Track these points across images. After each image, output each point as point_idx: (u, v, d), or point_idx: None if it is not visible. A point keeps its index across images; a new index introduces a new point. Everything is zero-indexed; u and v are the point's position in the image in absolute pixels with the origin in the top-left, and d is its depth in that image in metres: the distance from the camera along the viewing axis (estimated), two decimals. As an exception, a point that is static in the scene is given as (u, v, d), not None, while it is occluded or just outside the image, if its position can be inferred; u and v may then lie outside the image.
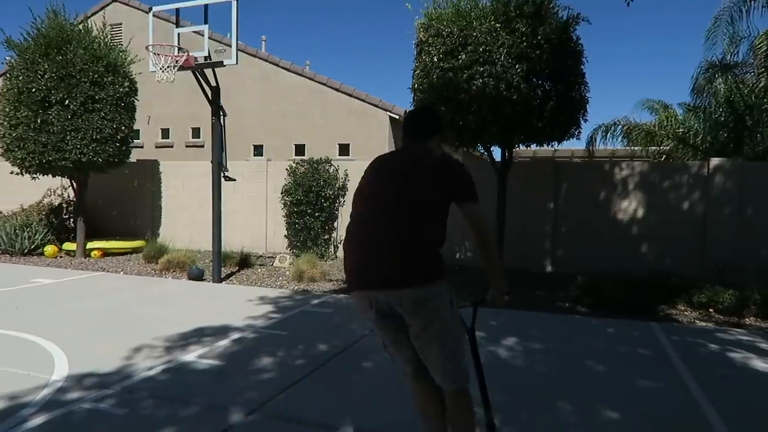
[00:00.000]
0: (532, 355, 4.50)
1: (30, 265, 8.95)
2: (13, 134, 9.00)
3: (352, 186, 10.06)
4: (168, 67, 6.63)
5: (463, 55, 7.00)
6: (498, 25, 6.96)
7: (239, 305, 6.12)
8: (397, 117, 12.53)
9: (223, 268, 7.96)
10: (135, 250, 10.51)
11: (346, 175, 10.09)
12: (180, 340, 4.66)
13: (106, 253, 10.07)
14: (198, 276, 7.75)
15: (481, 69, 6.86)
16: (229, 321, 5.32)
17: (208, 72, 7.26)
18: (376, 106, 12.55)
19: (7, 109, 9.10)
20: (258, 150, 13.37)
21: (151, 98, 11.77)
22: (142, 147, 13.74)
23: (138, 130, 10.45)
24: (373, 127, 12.59)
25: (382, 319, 2.35)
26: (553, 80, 7.15)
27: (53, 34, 9.10)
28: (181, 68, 6.80)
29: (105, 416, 3.14)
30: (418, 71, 7.52)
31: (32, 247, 9.91)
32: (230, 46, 6.89)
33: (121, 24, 13.77)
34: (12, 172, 9.62)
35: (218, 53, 6.87)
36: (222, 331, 4.98)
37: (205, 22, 6.92)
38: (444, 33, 7.23)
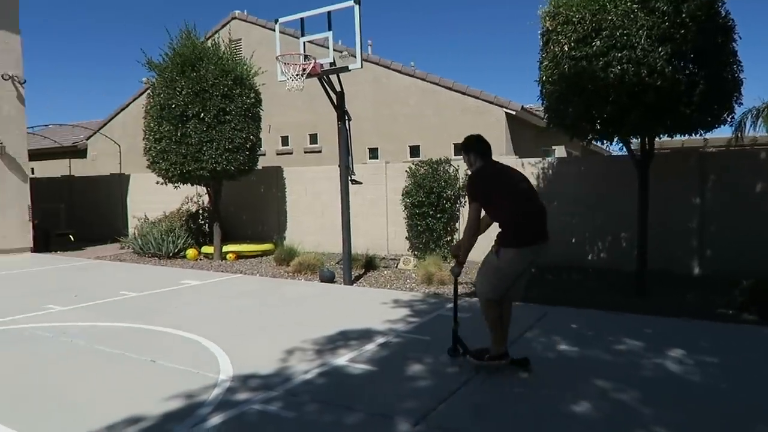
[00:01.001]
0: (708, 369, 4.00)
1: (176, 267, 9.66)
2: (158, 147, 9.79)
3: (473, 185, 9.87)
4: (297, 75, 6.79)
5: (598, 42, 6.50)
6: (635, 5, 6.38)
7: (375, 308, 6.12)
8: (514, 113, 12.09)
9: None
10: (264, 253, 11.02)
11: (466, 175, 9.85)
12: (327, 342, 4.70)
13: (239, 255, 10.64)
14: (329, 278, 7.91)
15: (619, 55, 6.32)
16: (370, 324, 5.31)
17: (333, 78, 7.38)
18: (491, 102, 12.20)
19: (151, 125, 9.91)
20: (373, 153, 13.53)
21: (271, 108, 12.27)
22: (264, 155, 14.42)
23: (261, 139, 10.93)
24: (488, 125, 12.24)
25: (529, 265, 3.86)
26: (700, 61, 6.43)
27: (187, 53, 9.77)
28: (309, 76, 6.96)
29: (275, 419, 3.18)
30: (546, 62, 7.11)
31: (176, 250, 10.73)
32: (340, 52, 6.97)
33: (240, 39, 14.57)
34: (157, 182, 10.47)
35: (343, 58, 6.95)
36: (366, 334, 4.96)
37: (329, 29, 7.04)
38: (574, 20, 6.76)
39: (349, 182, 7.69)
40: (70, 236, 12.62)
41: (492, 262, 3.79)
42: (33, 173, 12.26)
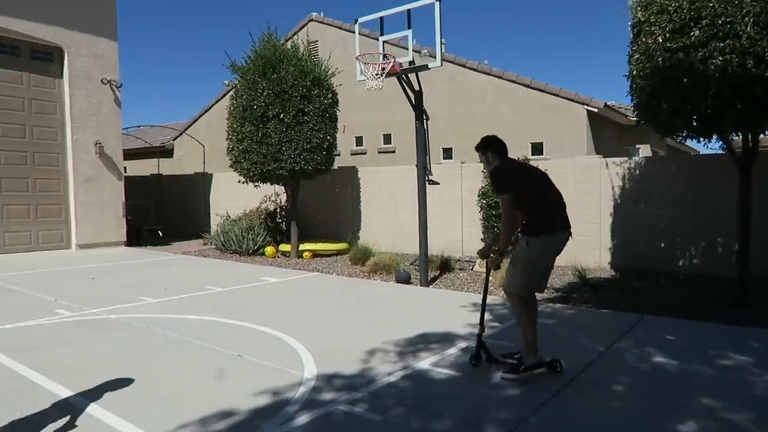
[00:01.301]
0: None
1: (256, 264, 9.96)
2: (240, 147, 10.14)
3: (552, 186, 9.50)
4: (376, 75, 6.79)
5: (696, 31, 6.02)
6: (740, -9, 5.87)
7: (454, 311, 6.01)
8: (596, 110, 11.56)
9: (426, 272, 7.97)
10: (339, 252, 11.16)
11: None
12: (408, 345, 4.65)
13: (315, 254, 10.83)
14: (405, 279, 7.86)
15: (721, 45, 5.83)
16: (450, 327, 5.20)
17: (411, 77, 7.32)
18: (572, 100, 11.73)
19: (234, 126, 10.28)
20: (447, 153, 13.38)
21: (346, 108, 12.39)
22: (339, 155, 14.62)
23: (337, 139, 11.07)
24: (568, 123, 11.79)
25: (555, 254, 3.95)
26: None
27: (268, 55, 10.04)
28: (388, 75, 6.94)
29: (362, 421, 3.15)
30: (636, 55, 6.69)
31: (255, 247, 11.08)
32: (418, 51, 6.89)
33: (317, 41, 14.84)
34: (239, 181, 10.85)
35: (423, 57, 6.87)
36: (446, 338, 4.86)
37: (409, 27, 6.98)
38: (670, 9, 6.31)
39: (426, 182, 7.60)
40: (159, 232, 13.35)
41: (523, 255, 3.87)
42: (126, 172, 13.06)
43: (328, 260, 10.48)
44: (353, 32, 14.48)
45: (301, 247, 10.85)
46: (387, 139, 14.52)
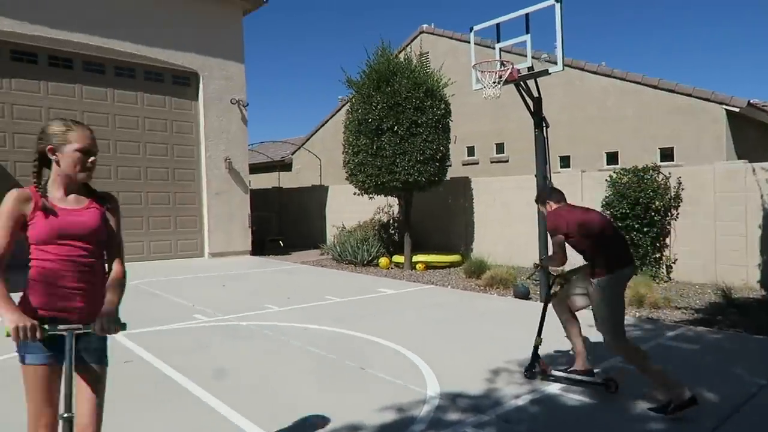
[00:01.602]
0: None
1: (371, 275, 10.14)
2: (356, 160, 10.40)
3: (688, 196, 8.67)
4: (493, 83, 6.62)
5: None
6: None
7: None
8: (737, 110, 10.44)
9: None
10: (452, 264, 11.04)
11: (679, 183, 8.71)
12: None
13: (428, 266, 10.80)
14: (524, 294, 7.57)
15: None
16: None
17: (530, 84, 7.06)
18: (707, 99, 10.69)
19: (350, 139, 10.58)
20: (564, 161, 12.78)
21: (457, 118, 12.26)
22: (450, 165, 14.54)
23: (449, 150, 10.99)
24: (703, 126, 10.76)
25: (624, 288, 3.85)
26: None
27: (383, 69, 10.22)
28: (506, 82, 6.74)
29: (491, 446, 3.02)
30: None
31: (369, 258, 11.29)
32: (537, 58, 6.59)
33: (428, 52, 14.90)
34: (354, 193, 11.14)
35: (543, 62, 6.60)
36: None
37: (527, 32, 6.72)
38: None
39: (547, 193, 7.25)
40: (280, 242, 14.09)
41: (599, 297, 3.74)
42: (250, 185, 13.94)
43: (441, 272, 10.39)
44: (463, 42, 14.53)
45: (414, 258, 10.87)
46: (499, 148, 14.18)
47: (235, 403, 3.64)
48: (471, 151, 14.83)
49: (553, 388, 3.92)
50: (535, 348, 4.14)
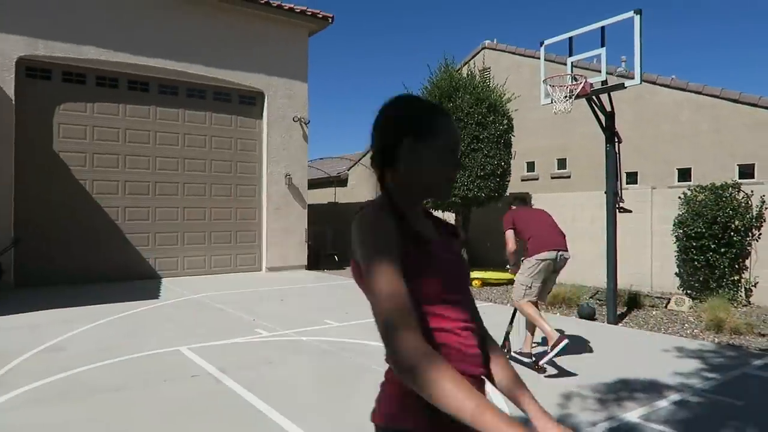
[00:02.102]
0: None
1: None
2: (415, 176, 10.38)
3: (774, 215, 8.10)
4: (565, 97, 6.45)
5: None
6: None
7: (655, 355, 5.33)
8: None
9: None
10: (509, 282, 10.76)
11: (763, 201, 8.17)
12: (608, 391, 4.19)
13: (484, 282, 10.58)
14: (589, 315, 7.25)
15: None
16: (654, 374, 4.60)
17: (603, 98, 6.83)
18: (793, 113, 10.01)
19: (409, 155, 10.58)
20: (631, 177, 12.27)
21: (518, 133, 12.04)
22: (509, 181, 14.28)
23: (510, 165, 10.78)
24: (789, 140, 10.08)
25: (552, 272, 5.11)
26: None
27: (445, 84, 10.21)
28: (578, 96, 6.55)
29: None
30: None
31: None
32: (611, 73, 6.36)
33: (490, 67, 14.77)
34: (412, 210, 11.09)
35: (619, 76, 6.38)
36: (652, 387, 4.30)
37: (602, 45, 6.53)
38: None
39: (617, 210, 6.97)
40: (335, 256, 14.19)
41: (523, 268, 5.28)
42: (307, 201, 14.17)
43: (498, 289, 10.15)
44: (526, 57, 14.34)
45: (471, 275, 10.67)
46: (561, 164, 13.80)
47: (302, 421, 3.62)
48: (531, 166, 14.51)
49: (632, 416, 3.68)
50: (507, 334, 5.35)
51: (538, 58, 14.36)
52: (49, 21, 10.22)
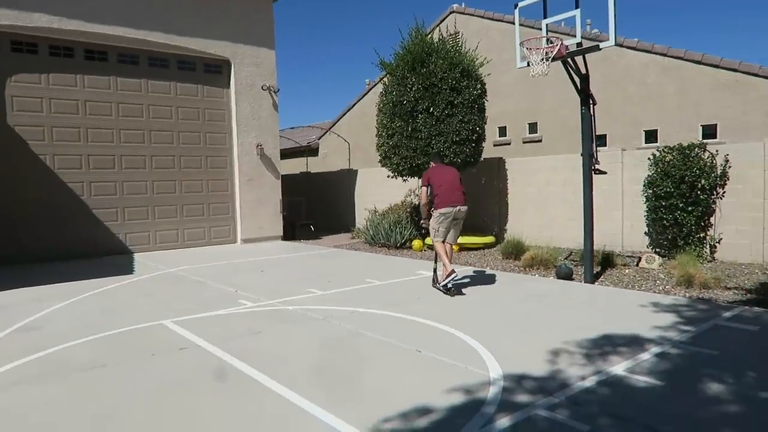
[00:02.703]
0: None
1: (406, 257, 10.10)
2: (390, 143, 10.31)
3: (735, 174, 8.39)
4: (541, 60, 6.45)
5: None
6: None
7: (633, 311, 5.53)
8: (787, 83, 10.03)
9: (590, 268, 7.47)
10: (486, 246, 10.95)
11: (726, 160, 8.43)
12: (593, 347, 4.33)
13: (462, 247, 10.71)
14: (567, 275, 7.44)
15: None
16: (634, 329, 4.78)
17: (578, 60, 6.86)
18: (755, 74, 10.33)
19: (384, 122, 10.49)
20: (600, 140, 12.46)
21: (488, 98, 12.04)
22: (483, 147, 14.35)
23: (485, 130, 10.80)
24: (750, 101, 10.40)
25: (453, 220, 6.64)
26: None
27: (418, 50, 10.07)
28: (554, 59, 6.55)
29: (571, 430, 2.95)
30: None
31: (402, 241, 11.24)
32: (586, 38, 6.37)
33: (458, 32, 14.62)
34: (388, 176, 11.07)
35: (592, 36, 6.39)
36: (634, 341, 4.46)
37: (576, 6, 6.50)
38: None
39: (592, 172, 7.10)
40: (311, 226, 14.12)
41: (433, 218, 6.81)
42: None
43: (476, 254, 10.30)
44: (495, 20, 14.25)
45: (448, 241, 10.78)
46: (532, 128, 13.94)
47: (299, 387, 3.64)
48: (503, 131, 14.61)
49: (618, 369, 3.83)
50: (434, 271, 7.04)
51: (507, 22, 14.32)
52: (-4, -15, 9.60)
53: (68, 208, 10.58)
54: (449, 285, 6.42)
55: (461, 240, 10.74)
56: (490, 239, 11.10)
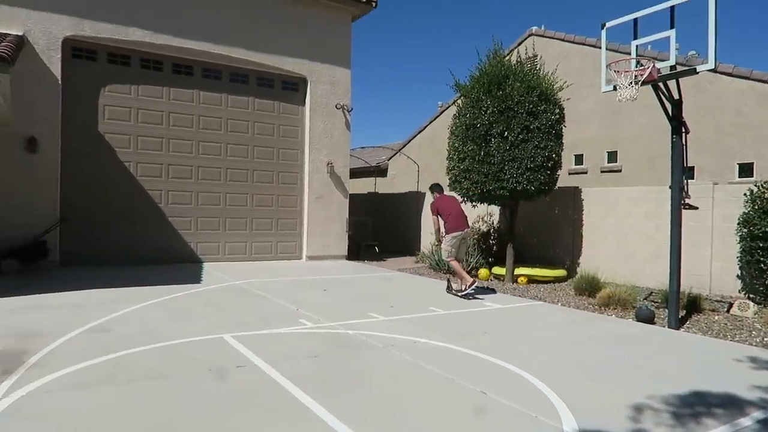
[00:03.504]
0: None
1: (472, 286, 9.70)
2: (461, 166, 10.04)
3: None
4: (629, 84, 6.02)
5: None
6: None
7: (724, 365, 4.94)
8: None
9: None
10: (556, 279, 10.37)
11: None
12: (681, 405, 3.85)
13: (530, 279, 10.21)
14: (648, 318, 6.84)
15: None
16: (730, 387, 4.23)
17: (671, 85, 6.37)
18: None
19: (456, 145, 10.24)
20: (687, 172, 11.61)
21: (565, 124, 11.54)
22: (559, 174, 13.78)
23: (561, 157, 10.33)
24: None
25: (462, 239, 8.47)
26: None
27: (495, 72, 9.81)
28: (644, 83, 6.11)
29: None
30: None
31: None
32: (682, 64, 5.87)
33: (537, 55, 14.22)
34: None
35: (689, 59, 5.91)
36: (731, 402, 3.93)
37: (671, 27, 6.05)
38: None
39: (682, 207, 6.52)
40: (375, 247, 14.00)
41: (444, 241, 8.48)
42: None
43: (546, 287, 9.77)
44: (576, 44, 13.76)
45: (517, 271, 10.32)
46: (611, 156, 13.22)
47: (353, 421, 3.42)
48: (579, 159, 13.96)
49: (715, 436, 3.35)
50: (448, 281, 8.72)
51: (589, 45, 13.78)
52: (95, 1, 10.26)
53: (146, 214, 11.04)
54: (470, 292, 8.05)
55: (530, 272, 10.29)
56: (561, 272, 10.52)
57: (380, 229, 16.24)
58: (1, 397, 3.63)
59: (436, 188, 8.87)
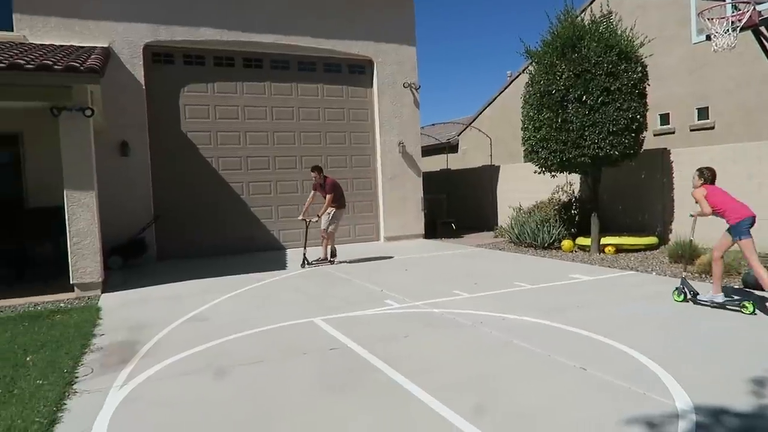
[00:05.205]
0: None
1: (556, 259, 9.42)
2: (537, 136, 9.67)
3: None
4: (725, 31, 5.51)
5: None
6: None
7: None
8: None
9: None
10: (647, 248, 9.84)
11: None
12: (810, 378, 3.54)
13: (618, 249, 9.75)
14: (755, 284, 6.32)
15: None
16: None
17: (773, 29, 5.77)
18: None
19: (530, 114, 9.87)
20: (791, 124, 10.59)
21: (648, 82, 10.78)
22: (644, 137, 13.00)
23: (646, 118, 9.68)
24: None
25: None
26: None
27: (568, 33, 9.31)
28: (743, 28, 5.57)
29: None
30: None
31: (551, 241, 10.53)
32: None
33: (611, 13, 13.35)
34: (535, 172, 10.41)
35: None
36: None
37: (773, -35, 5.46)
38: None
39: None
40: (452, 224, 13.87)
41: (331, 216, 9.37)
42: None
43: (636, 256, 9.29)
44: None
45: (603, 241, 9.88)
46: (702, 113, 12.27)
47: (450, 400, 3.41)
48: (664, 119, 13.07)
49: None
50: (304, 255, 9.19)
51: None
52: (167, 6, 10.68)
53: (229, 206, 11.50)
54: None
55: (618, 241, 9.81)
56: (652, 240, 9.96)
57: (455, 206, 16.05)
58: (122, 385, 3.93)
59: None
